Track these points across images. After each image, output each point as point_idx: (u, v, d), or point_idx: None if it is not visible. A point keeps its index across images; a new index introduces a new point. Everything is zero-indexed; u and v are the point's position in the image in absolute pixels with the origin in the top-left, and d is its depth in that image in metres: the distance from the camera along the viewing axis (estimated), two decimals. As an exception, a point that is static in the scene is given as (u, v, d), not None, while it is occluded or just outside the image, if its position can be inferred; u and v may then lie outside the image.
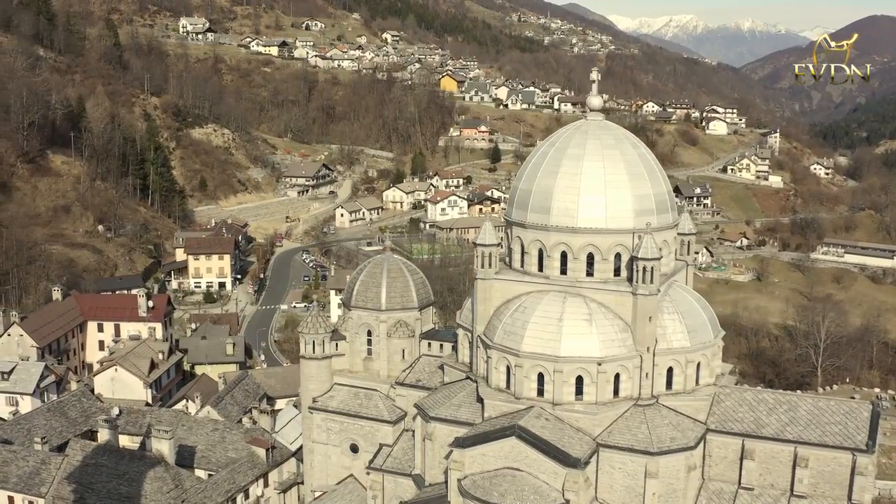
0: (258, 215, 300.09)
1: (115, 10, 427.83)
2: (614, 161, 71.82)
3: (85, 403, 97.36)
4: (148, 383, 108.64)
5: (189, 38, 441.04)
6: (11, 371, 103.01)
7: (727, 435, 70.49)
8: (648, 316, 69.27)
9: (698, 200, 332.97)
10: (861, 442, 67.69)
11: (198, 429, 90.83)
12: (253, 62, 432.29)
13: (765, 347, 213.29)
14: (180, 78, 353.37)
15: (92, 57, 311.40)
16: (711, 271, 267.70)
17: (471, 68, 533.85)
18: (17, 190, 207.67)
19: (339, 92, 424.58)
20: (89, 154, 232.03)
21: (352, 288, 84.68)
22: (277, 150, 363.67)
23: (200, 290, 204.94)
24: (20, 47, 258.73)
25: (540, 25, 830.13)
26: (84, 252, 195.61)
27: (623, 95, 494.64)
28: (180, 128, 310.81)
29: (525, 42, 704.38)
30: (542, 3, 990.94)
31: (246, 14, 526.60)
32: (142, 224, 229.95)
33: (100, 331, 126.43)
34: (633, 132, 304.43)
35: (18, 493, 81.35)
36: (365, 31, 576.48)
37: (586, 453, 66.39)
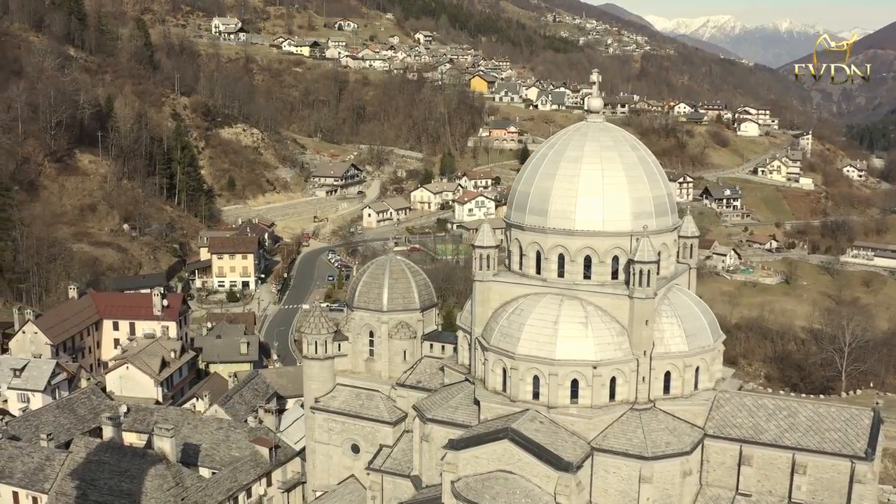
0: (286, 215, 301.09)
1: (147, 10, 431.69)
2: (612, 163, 71.34)
3: (94, 401, 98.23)
4: (158, 381, 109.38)
5: (221, 38, 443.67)
6: (23, 368, 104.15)
7: (725, 440, 69.82)
8: (645, 319, 68.74)
9: (728, 202, 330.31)
10: (860, 449, 66.74)
11: (203, 427, 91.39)
12: (284, 62, 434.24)
13: (791, 351, 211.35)
14: (211, 78, 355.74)
15: (123, 57, 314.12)
16: (739, 274, 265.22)
17: (503, 69, 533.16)
18: (45, 189, 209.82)
19: (369, 92, 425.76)
20: (116, 153, 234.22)
21: (354, 289, 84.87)
22: (307, 149, 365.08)
23: (224, 290, 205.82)
24: (51, 47, 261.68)
25: (575, 26, 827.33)
26: (108, 251, 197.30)
27: (656, 96, 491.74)
28: (209, 127, 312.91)
29: (559, 42, 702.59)
30: (578, 4, 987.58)
31: (279, 14, 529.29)
32: (167, 223, 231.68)
33: (115, 329, 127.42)
34: (663, 133, 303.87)
35: (23, 489, 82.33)
36: (397, 31, 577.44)
37: (579, 457, 65.98)
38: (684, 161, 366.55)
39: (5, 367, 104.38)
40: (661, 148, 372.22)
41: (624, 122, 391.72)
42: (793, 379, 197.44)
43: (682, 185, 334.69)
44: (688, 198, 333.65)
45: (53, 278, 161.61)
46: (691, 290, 78.95)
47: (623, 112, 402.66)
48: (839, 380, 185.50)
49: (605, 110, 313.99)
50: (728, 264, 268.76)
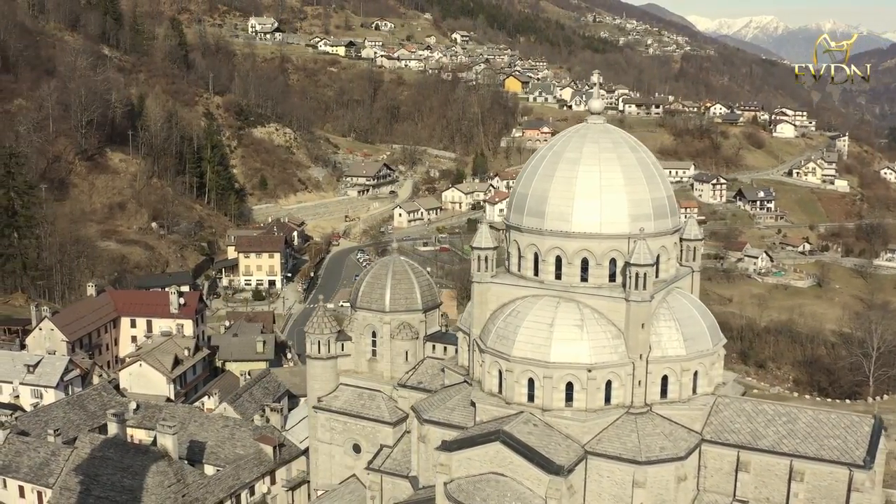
0: (317, 214, 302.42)
1: (185, 10, 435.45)
2: (611, 165, 70.76)
3: (105, 397, 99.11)
4: (170, 379, 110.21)
5: (257, 38, 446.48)
6: (37, 364, 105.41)
7: (722, 446, 69.03)
8: (641, 323, 68.15)
9: (761, 204, 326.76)
10: (859, 457, 65.72)
11: (209, 425, 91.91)
12: (319, 62, 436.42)
13: (820, 355, 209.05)
14: (245, 77, 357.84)
15: (157, 56, 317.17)
16: (771, 276, 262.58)
17: (539, 69, 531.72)
18: (75, 187, 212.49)
19: (403, 92, 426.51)
20: (146, 152, 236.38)
21: (358, 289, 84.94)
22: (340, 149, 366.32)
23: (250, 288, 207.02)
24: (85, 47, 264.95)
25: (615, 26, 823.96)
26: (136, 248, 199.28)
27: (693, 97, 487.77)
28: (242, 127, 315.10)
29: (598, 43, 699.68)
30: (619, 4, 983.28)
31: (316, 14, 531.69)
32: (196, 222, 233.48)
33: (132, 326, 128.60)
34: (698, 134, 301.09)
35: (28, 483, 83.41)
36: (434, 31, 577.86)
37: (571, 461, 65.59)
38: (718, 162, 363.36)
39: (19, 363, 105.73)
40: (696, 149, 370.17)
41: (658, 122, 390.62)
42: (821, 383, 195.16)
43: (715, 186, 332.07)
44: (721, 199, 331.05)
45: (77, 276, 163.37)
46: (694, 293, 78.04)
47: (657, 113, 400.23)
48: (867, 384, 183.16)
49: (639, 111, 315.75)
50: (759, 267, 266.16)
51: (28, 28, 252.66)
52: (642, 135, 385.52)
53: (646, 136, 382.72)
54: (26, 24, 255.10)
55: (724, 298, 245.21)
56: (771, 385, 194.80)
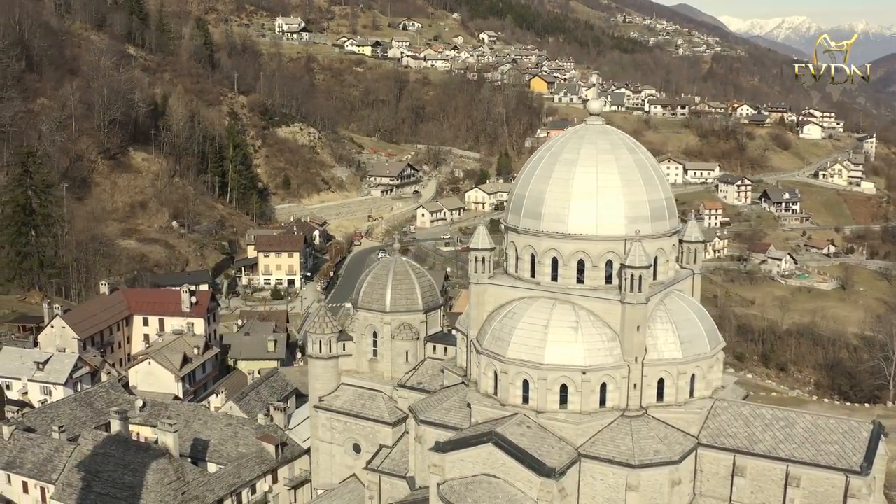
0: (340, 214, 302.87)
1: (212, 10, 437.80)
2: (608, 166, 70.44)
3: (112, 395, 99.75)
4: (179, 377, 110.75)
5: (284, 38, 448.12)
6: (46, 361, 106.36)
7: (718, 450, 68.49)
8: (636, 325, 67.76)
9: (786, 206, 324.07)
10: (856, 463, 64.96)
11: (213, 423, 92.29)
12: (345, 62, 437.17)
13: (842, 358, 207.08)
14: (271, 77, 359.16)
15: (183, 56, 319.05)
16: (794, 279, 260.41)
17: (566, 69, 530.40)
18: (97, 186, 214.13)
19: (429, 92, 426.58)
20: (168, 151, 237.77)
21: (359, 289, 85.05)
22: (364, 149, 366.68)
23: (269, 287, 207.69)
24: (111, 46, 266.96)
25: (645, 26, 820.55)
26: (156, 247, 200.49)
27: (721, 98, 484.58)
28: (266, 126, 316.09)
29: (627, 43, 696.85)
30: (650, 4, 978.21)
31: (343, 14, 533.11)
32: (218, 221, 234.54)
33: (145, 325, 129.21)
34: (724, 135, 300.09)
35: (31, 479, 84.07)
36: (462, 31, 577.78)
37: (563, 463, 65.27)
38: (744, 164, 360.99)
39: (29, 360, 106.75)
40: (721, 150, 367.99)
41: (684, 123, 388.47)
42: (843, 387, 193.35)
43: (740, 187, 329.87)
44: (746, 201, 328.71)
45: (93, 274, 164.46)
46: (695, 296, 77.37)
47: (683, 114, 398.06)
48: (889, 388, 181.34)
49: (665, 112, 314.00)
50: (783, 269, 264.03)
51: (53, 28, 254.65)
52: (667, 135, 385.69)
53: (671, 137, 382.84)
54: (51, 23, 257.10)
55: (746, 300, 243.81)
56: (791, 388, 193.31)
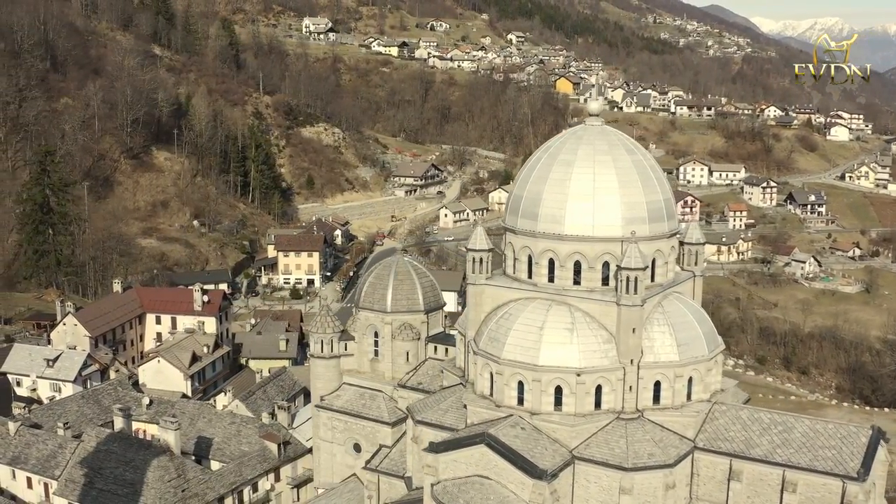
0: (363, 214, 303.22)
1: (239, 10, 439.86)
2: (605, 167, 70.07)
3: (120, 392, 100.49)
4: (188, 375, 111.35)
5: (311, 38, 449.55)
6: (56, 358, 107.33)
7: (715, 454, 67.94)
8: (632, 327, 67.34)
9: (812, 208, 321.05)
10: (853, 469, 64.17)
11: (217, 421, 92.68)
12: (372, 62, 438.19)
13: (865, 362, 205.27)
14: (297, 77, 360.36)
15: (208, 56, 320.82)
16: (818, 282, 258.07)
17: (594, 70, 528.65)
18: (119, 185, 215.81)
19: (455, 92, 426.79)
20: (190, 151, 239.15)
21: (361, 289, 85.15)
22: (389, 149, 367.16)
23: (289, 286, 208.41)
24: (136, 46, 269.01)
25: (676, 27, 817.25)
26: (176, 246, 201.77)
27: (749, 99, 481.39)
28: (291, 126, 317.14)
29: (657, 44, 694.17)
30: (681, 5, 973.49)
31: (371, 14, 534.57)
32: (239, 220, 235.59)
33: (157, 323, 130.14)
34: (750, 137, 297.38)
35: (35, 474, 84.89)
36: (490, 31, 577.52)
37: (556, 465, 64.93)
38: (770, 165, 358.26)
39: (38, 358, 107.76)
40: (747, 152, 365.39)
41: (709, 125, 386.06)
42: (864, 391, 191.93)
43: (765, 189, 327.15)
44: (771, 203, 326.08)
45: (111, 273, 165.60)
46: (696, 298, 76.66)
47: (709, 115, 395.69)
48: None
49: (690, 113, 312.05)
50: (807, 271, 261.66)
51: (77, 28, 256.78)
52: (693, 137, 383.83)
53: (697, 139, 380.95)
54: (77, 24, 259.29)
55: (768, 303, 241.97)
56: (811, 391, 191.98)
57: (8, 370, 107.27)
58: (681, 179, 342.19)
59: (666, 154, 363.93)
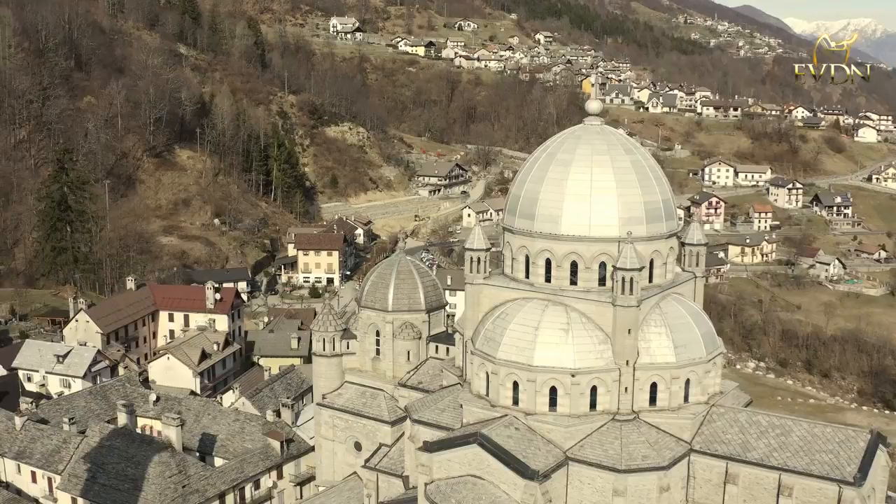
0: (386, 213, 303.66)
1: (267, 10, 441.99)
2: (603, 167, 69.65)
3: (128, 389, 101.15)
4: (197, 372, 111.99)
5: (338, 38, 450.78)
6: (66, 355, 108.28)
7: (711, 456, 67.31)
8: (627, 328, 66.89)
9: (838, 210, 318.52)
10: (849, 474, 63.32)
11: (221, 418, 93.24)
12: (398, 62, 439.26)
13: (887, 366, 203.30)
14: (322, 76, 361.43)
15: (234, 55, 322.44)
16: (843, 284, 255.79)
17: (622, 70, 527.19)
18: (142, 183, 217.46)
19: (481, 92, 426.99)
20: (212, 149, 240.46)
21: (364, 287, 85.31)
22: (413, 149, 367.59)
23: (308, 285, 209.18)
24: (162, 45, 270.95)
25: (706, 27, 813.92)
26: (196, 244, 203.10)
27: (779, 100, 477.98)
28: (315, 125, 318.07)
29: (687, 44, 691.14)
30: (712, 5, 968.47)
31: (399, 14, 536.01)
32: (261, 219, 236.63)
33: (170, 320, 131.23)
34: (776, 138, 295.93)
35: (39, 469, 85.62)
36: (518, 31, 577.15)
37: (548, 466, 64.62)
38: (796, 167, 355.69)
39: (49, 353, 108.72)
40: (773, 153, 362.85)
41: (736, 125, 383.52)
42: (886, 395, 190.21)
43: (791, 191, 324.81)
44: (797, 204, 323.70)
45: (128, 270, 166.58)
46: (697, 299, 76.15)
47: (736, 115, 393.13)
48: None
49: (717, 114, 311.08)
50: (831, 274, 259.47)
51: (102, 27, 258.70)
52: (719, 137, 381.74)
53: (722, 139, 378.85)
54: (102, 23, 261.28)
55: (791, 305, 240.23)
56: (831, 395, 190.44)
57: (19, 366, 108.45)
58: (706, 180, 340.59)
59: (691, 155, 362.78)
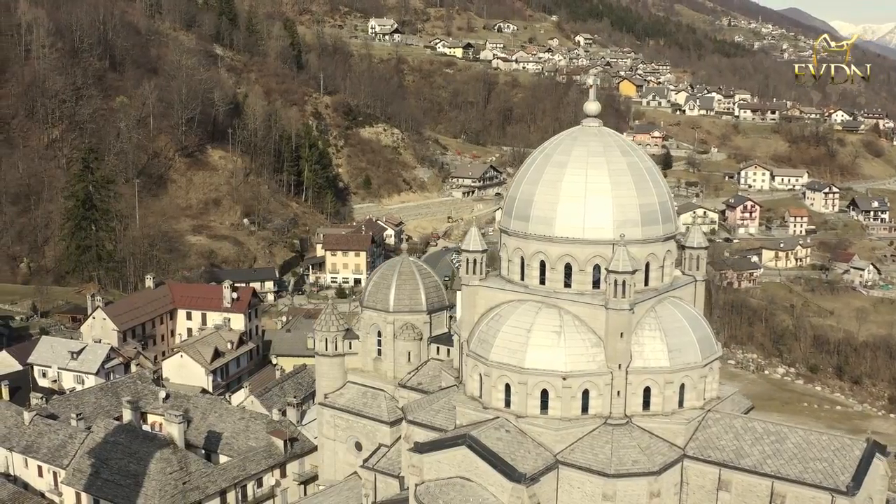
0: (419, 214, 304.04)
1: (306, 11, 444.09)
2: (598, 169, 69.29)
3: (139, 386, 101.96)
4: (209, 370, 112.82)
5: (376, 39, 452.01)
6: (80, 351, 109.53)
7: (704, 462, 66.65)
8: (620, 332, 66.39)
9: (875, 215, 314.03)
10: (843, 483, 62.37)
11: (227, 416, 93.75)
12: (435, 63, 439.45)
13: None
14: (359, 78, 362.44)
15: (270, 56, 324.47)
16: (877, 289, 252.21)
17: (662, 72, 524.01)
18: (173, 182, 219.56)
19: (518, 94, 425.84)
20: (243, 150, 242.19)
21: (366, 288, 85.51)
22: (448, 150, 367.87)
23: (335, 285, 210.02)
24: (198, 46, 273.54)
25: (750, 30, 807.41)
26: (225, 244, 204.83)
27: (820, 103, 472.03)
28: (350, 126, 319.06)
29: (730, 47, 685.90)
30: (757, 8, 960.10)
31: (439, 16, 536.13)
32: (291, 219, 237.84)
33: (188, 319, 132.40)
34: (814, 141, 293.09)
35: (45, 463, 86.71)
36: (557, 33, 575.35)
37: (537, 469, 64.33)
38: (833, 171, 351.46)
39: (64, 350, 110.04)
40: (811, 156, 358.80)
41: (773, 128, 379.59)
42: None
43: (827, 195, 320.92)
44: (833, 209, 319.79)
45: (151, 268, 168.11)
46: (697, 304, 75.33)
47: (773, 119, 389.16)
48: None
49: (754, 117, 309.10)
50: (866, 279, 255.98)
51: (137, 27, 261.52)
52: (756, 140, 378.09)
53: (759, 142, 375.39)
54: (137, 23, 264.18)
55: (824, 310, 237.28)
56: (860, 402, 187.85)
57: (34, 362, 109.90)
58: (742, 184, 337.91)
59: (728, 158, 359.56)
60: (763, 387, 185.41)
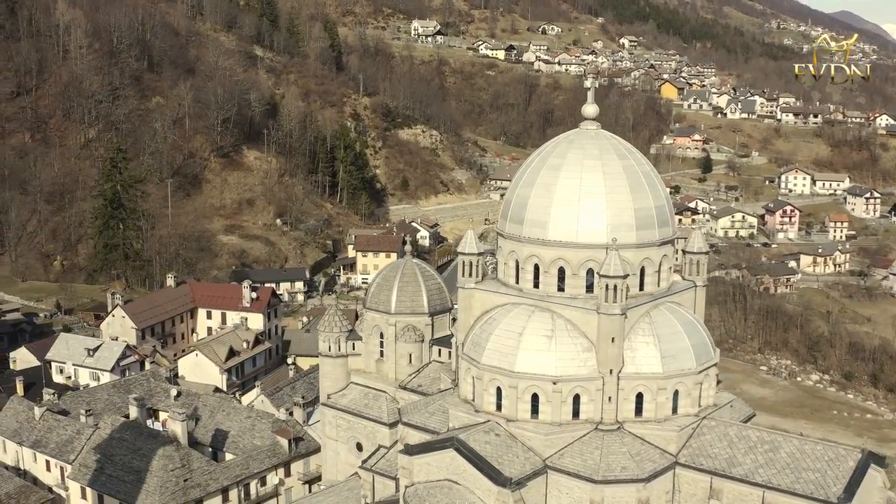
0: (455, 216, 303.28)
1: (349, 13, 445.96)
2: (593, 172, 68.98)
3: (151, 384, 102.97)
4: (223, 369, 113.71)
5: (418, 41, 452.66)
6: (96, 348, 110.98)
7: (696, 470, 66.04)
8: (611, 336, 65.97)
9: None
10: (835, 494, 61.39)
11: (234, 415, 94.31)
12: (477, 65, 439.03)
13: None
14: (399, 79, 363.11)
15: (310, 57, 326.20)
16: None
17: (707, 75, 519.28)
18: (208, 182, 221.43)
19: (559, 97, 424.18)
20: (278, 150, 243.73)
21: (369, 289, 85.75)
22: (487, 152, 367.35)
23: (366, 286, 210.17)
24: (239, 47, 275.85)
25: (799, 33, 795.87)
26: (257, 244, 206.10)
27: (867, 107, 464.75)
28: (388, 128, 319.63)
29: (778, 50, 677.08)
30: (808, 11, 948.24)
31: (483, 18, 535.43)
32: (325, 220, 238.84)
33: (208, 318, 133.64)
34: (856, 145, 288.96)
35: (53, 458, 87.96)
36: (602, 35, 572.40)
37: (524, 474, 64.11)
38: (875, 175, 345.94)
39: (81, 347, 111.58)
40: (853, 161, 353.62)
41: (815, 132, 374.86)
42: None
43: (868, 200, 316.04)
44: (874, 214, 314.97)
45: (178, 267, 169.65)
46: (698, 310, 74.51)
47: (815, 122, 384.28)
48: None
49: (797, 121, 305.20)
50: (894, 288, 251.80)
51: (175, 28, 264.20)
52: (797, 144, 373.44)
53: (801, 146, 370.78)
54: (176, 24, 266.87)
55: (861, 317, 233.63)
56: (893, 410, 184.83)
57: (51, 358, 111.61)
58: (782, 188, 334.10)
59: (768, 162, 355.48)
60: (794, 393, 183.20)
